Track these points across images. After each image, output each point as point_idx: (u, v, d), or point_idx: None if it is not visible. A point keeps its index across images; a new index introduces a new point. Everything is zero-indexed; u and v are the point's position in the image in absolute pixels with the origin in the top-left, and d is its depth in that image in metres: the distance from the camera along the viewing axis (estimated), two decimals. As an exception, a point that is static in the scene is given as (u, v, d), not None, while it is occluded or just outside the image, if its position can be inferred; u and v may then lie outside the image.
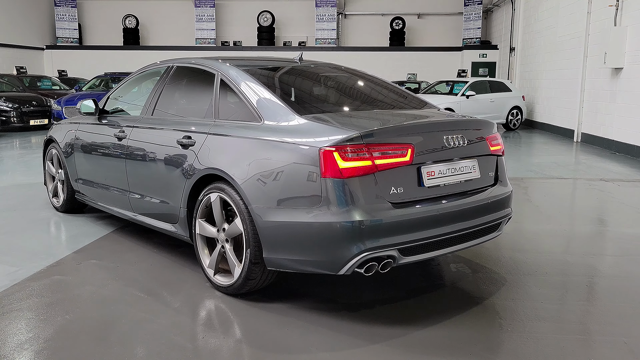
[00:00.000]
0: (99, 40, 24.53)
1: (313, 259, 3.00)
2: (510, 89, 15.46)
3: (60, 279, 3.71)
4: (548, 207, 6.08)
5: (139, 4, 24.02)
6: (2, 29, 20.86)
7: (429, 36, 23.38)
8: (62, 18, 24.01)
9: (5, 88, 15.53)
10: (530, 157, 10.44)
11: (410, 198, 3.05)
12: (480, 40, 22.35)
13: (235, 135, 3.39)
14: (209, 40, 23.44)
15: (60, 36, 24.12)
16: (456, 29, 23.01)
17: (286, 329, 2.98)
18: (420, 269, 3.94)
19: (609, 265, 4.13)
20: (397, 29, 22.86)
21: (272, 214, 3.06)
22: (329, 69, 4.30)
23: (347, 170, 2.86)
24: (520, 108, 15.34)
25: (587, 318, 3.18)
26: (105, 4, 24.44)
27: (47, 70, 23.20)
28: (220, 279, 3.44)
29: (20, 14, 22.08)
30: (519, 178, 7.76)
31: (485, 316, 3.17)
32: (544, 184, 7.46)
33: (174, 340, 2.85)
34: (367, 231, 2.86)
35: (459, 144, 3.26)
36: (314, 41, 23.27)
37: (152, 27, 24.45)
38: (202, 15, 23.41)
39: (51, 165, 5.57)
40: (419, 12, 23.40)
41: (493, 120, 14.42)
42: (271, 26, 23.19)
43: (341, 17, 23.78)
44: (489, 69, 21.37)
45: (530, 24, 17.01)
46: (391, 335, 2.91)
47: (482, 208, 3.36)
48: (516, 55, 18.31)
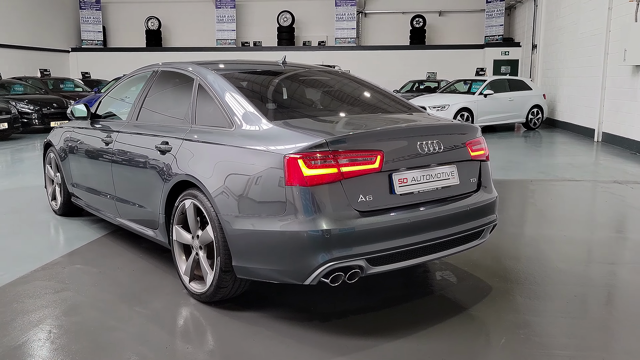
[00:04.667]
0: (123, 42, 24.89)
1: (279, 268, 2.94)
2: (530, 88, 15.11)
3: (42, 284, 3.73)
4: (552, 211, 5.90)
5: (161, 6, 24.28)
6: (29, 33, 21.32)
7: (450, 34, 23.07)
8: (86, 21, 24.44)
9: (29, 90, 15.86)
10: (545, 157, 10.19)
11: (381, 206, 2.96)
12: (502, 37, 21.95)
13: (207, 141, 3.35)
14: (229, 41, 23.56)
15: (85, 39, 24.55)
16: (478, 26, 22.63)
17: (252, 339, 2.93)
18: (404, 277, 3.84)
19: (602, 274, 3.96)
20: (417, 27, 22.61)
21: (240, 221, 3.01)
22: (312, 72, 4.23)
23: (312, 178, 2.80)
24: (540, 107, 14.99)
25: (568, 331, 3.05)
26: (129, 7, 24.78)
27: (73, 72, 23.63)
28: (194, 287, 3.41)
29: (46, 18, 22.55)
30: (528, 180, 7.57)
31: (462, 327, 3.06)
32: (553, 186, 7.26)
33: (137, 349, 2.82)
34: (332, 240, 2.78)
35: (434, 149, 3.16)
36: (333, 40, 23.17)
37: (174, 28, 24.70)
38: (223, 16, 23.54)
39: (50, 168, 5.63)
40: (440, 10, 23.10)
41: (512, 120, 14.15)
42: (291, 26, 23.18)
43: (361, 16, 23.64)
44: (511, 67, 20.97)
45: (552, 20, 16.61)
46: (359, 347, 2.84)
47: (461, 215, 3.25)
48: (538, 52, 17.91)
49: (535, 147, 11.90)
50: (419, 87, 19.15)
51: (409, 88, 19.36)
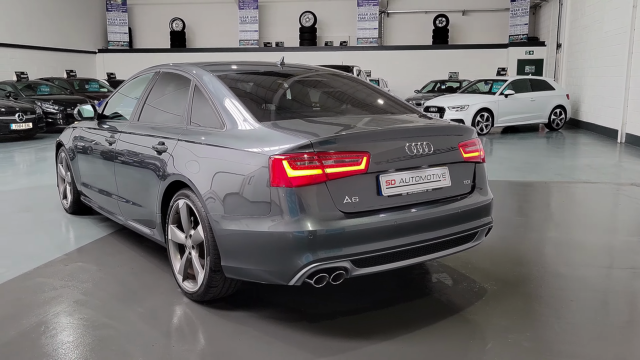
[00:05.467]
0: (148, 43, 25.26)
1: (265, 269, 2.96)
2: (553, 88, 14.85)
3: (42, 281, 3.81)
4: (561, 214, 5.79)
5: (185, 7, 24.57)
6: (58, 35, 21.81)
7: (474, 33, 22.81)
8: (113, 23, 24.87)
9: (55, 91, 16.22)
10: (564, 158, 10.00)
11: (367, 207, 2.95)
12: (527, 36, 21.61)
13: (199, 141, 3.39)
14: (252, 41, 23.71)
15: (112, 40, 24.99)
16: (502, 26, 22.33)
17: (239, 339, 2.95)
18: (399, 278, 3.82)
19: (603, 279, 3.87)
20: (440, 26, 22.42)
21: (228, 222, 3.03)
22: (309, 73, 4.23)
23: (296, 179, 2.80)
24: (564, 107, 14.72)
25: (559, 337, 2.98)
26: (154, 8, 25.14)
27: (99, 73, 24.08)
28: (187, 285, 3.45)
29: (74, 20, 23.01)
30: (543, 182, 7.45)
31: (450, 330, 3.03)
32: (568, 188, 7.12)
33: (124, 347, 2.87)
34: (316, 242, 2.79)
35: (424, 151, 3.13)
36: (355, 41, 23.13)
37: (198, 29, 24.96)
38: (246, 17, 23.70)
39: (61, 167, 5.76)
40: (464, 9, 22.86)
41: (534, 120, 13.94)
42: (313, 26, 23.22)
43: (383, 16, 23.54)
44: (535, 67, 20.65)
45: (577, 18, 16.29)
46: (343, 349, 2.83)
47: (452, 218, 3.22)
48: (562, 52, 17.58)
49: (555, 148, 11.69)
50: (440, 87, 19.00)
51: (430, 88, 19.23)
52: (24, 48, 19.76)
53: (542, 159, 9.73)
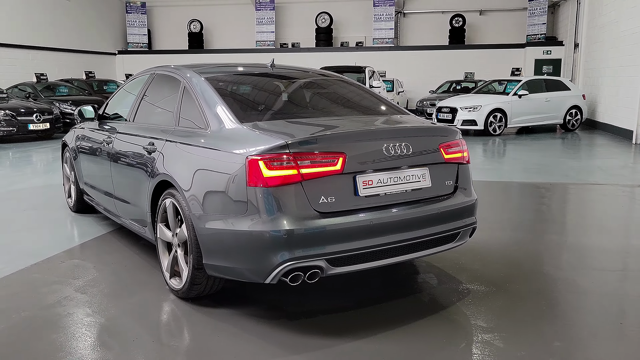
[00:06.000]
0: (166, 44, 25.59)
1: (242, 267, 3.01)
2: (568, 88, 14.68)
3: (37, 277, 3.93)
4: (560, 216, 5.75)
5: (203, 9, 24.83)
6: (78, 37, 22.21)
7: (491, 33, 22.62)
8: (132, 24, 25.26)
9: (74, 92, 16.55)
10: (575, 160, 9.88)
11: (344, 207, 2.99)
12: (545, 36, 21.36)
13: (184, 142, 3.47)
14: (268, 42, 23.85)
15: (131, 42, 25.37)
16: (520, 25, 22.10)
17: (217, 336, 3.01)
18: (385, 277, 3.85)
19: (591, 281, 3.84)
20: (456, 26, 22.29)
21: (208, 220, 3.10)
22: (299, 75, 4.27)
23: (272, 179, 2.85)
24: (579, 108, 14.54)
25: (535, 338, 2.98)
26: (173, 10, 25.45)
27: (119, 74, 24.48)
28: (173, 283, 3.52)
29: (94, 22, 23.42)
30: (549, 183, 7.39)
31: (427, 330, 3.05)
32: (573, 190, 7.05)
33: (105, 341, 2.95)
34: (290, 241, 2.83)
35: (403, 152, 3.16)
36: (371, 41, 23.11)
37: (215, 31, 25.20)
38: (263, 18, 23.86)
39: (66, 167, 5.90)
40: (481, 9, 22.69)
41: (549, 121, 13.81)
42: (329, 27, 23.27)
43: (400, 16, 23.49)
44: (553, 67, 20.40)
45: (594, 18, 16.06)
46: (318, 346, 2.88)
47: (432, 218, 3.24)
48: (580, 51, 17.35)
49: (568, 149, 11.56)
50: (455, 87, 18.90)
51: (445, 88, 19.14)
52: (45, 50, 20.19)
53: (552, 160, 9.63)
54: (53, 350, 2.85)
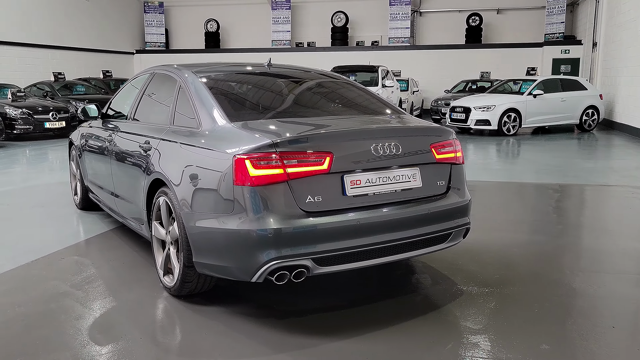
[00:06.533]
0: (183, 44, 25.79)
1: (229, 265, 3.03)
2: (585, 88, 14.46)
3: (36, 273, 3.99)
4: (564, 218, 5.67)
5: (220, 8, 24.96)
6: (97, 36, 22.50)
7: (508, 32, 22.37)
8: (150, 24, 25.50)
9: (91, 91, 16.79)
10: (587, 160, 9.73)
11: (332, 207, 2.99)
12: (564, 35, 21.06)
13: (177, 141, 3.49)
14: (284, 41, 23.90)
15: (149, 41, 25.62)
16: (537, 24, 21.82)
17: (205, 334, 3.03)
18: (379, 277, 3.84)
19: (586, 283, 3.78)
20: (473, 25, 22.09)
21: (198, 219, 3.12)
22: (295, 74, 4.27)
23: (258, 179, 2.86)
24: (596, 108, 14.32)
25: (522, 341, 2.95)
26: (190, 10, 25.63)
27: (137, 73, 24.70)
28: (167, 280, 3.56)
29: (112, 22, 23.70)
30: (557, 184, 7.29)
31: (414, 331, 3.03)
32: (582, 191, 6.95)
33: (95, 337, 2.98)
34: (276, 240, 2.84)
35: (392, 152, 3.14)
36: (387, 40, 23.02)
37: (232, 30, 25.33)
38: (278, 18, 23.91)
39: (73, 165, 5.98)
40: (498, 7, 22.45)
41: (564, 121, 13.60)
42: (345, 26, 23.23)
43: (416, 15, 23.35)
44: (571, 66, 20.11)
45: (613, 16, 15.81)
46: (301, 346, 2.88)
47: (422, 218, 3.22)
48: (598, 50, 17.09)
49: (581, 149, 11.39)
50: (471, 87, 18.74)
51: (461, 88, 18.99)
52: (64, 49, 20.49)
53: (563, 161, 9.50)
54: (43, 345, 2.89)
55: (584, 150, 11.34)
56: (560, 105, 13.89)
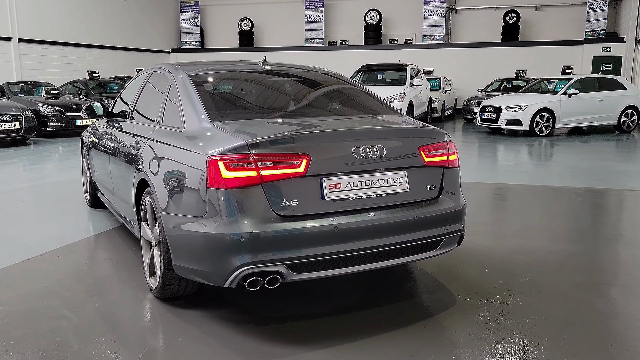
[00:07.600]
0: (218, 42, 26.03)
1: (203, 269, 2.95)
2: (624, 87, 13.87)
3: (28, 270, 4.01)
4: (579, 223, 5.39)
5: (254, 7, 25.07)
6: (134, 35, 22.92)
7: (547, 29, 21.69)
8: (186, 23, 25.83)
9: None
10: (617, 163, 9.28)
11: (309, 211, 2.87)
12: (605, 32, 20.28)
13: (161, 140, 3.44)
14: (317, 40, 23.83)
15: (185, 40, 25.95)
16: (578, 21, 21.08)
17: (178, 338, 2.96)
18: (370, 283, 3.70)
19: (588, 294, 3.55)
20: (510, 22, 21.52)
21: (174, 221, 3.06)
22: (289, 73, 4.14)
23: (231, 181, 2.77)
24: (636, 108, 13.72)
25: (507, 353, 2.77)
26: (224, 9, 25.84)
27: (172, 72, 25.03)
28: (151, 282, 3.51)
29: (149, 21, 24.10)
30: (582, 188, 6.96)
31: (393, 343, 2.88)
32: (604, 196, 6.61)
33: (69, 338, 2.94)
34: (247, 244, 2.75)
35: (375, 154, 3.00)
36: (421, 38, 22.66)
37: (266, 29, 25.41)
38: (312, 16, 23.85)
39: (84, 162, 6.04)
40: (537, 4, 21.80)
41: (601, 122, 13.07)
42: (378, 24, 22.99)
43: (451, 12, 22.91)
44: (613, 65, 19.34)
45: (656, 13, 15.11)
46: (274, 355, 2.78)
47: (407, 224, 3.07)
48: (641, 48, 16.37)
49: (616, 152, 10.90)
50: (506, 86, 18.27)
51: (495, 87, 18.55)
52: (101, 48, 20.94)
53: (592, 163, 9.10)
54: (12, 346, 2.87)
55: (619, 152, 10.86)
56: (597, 105, 13.35)
